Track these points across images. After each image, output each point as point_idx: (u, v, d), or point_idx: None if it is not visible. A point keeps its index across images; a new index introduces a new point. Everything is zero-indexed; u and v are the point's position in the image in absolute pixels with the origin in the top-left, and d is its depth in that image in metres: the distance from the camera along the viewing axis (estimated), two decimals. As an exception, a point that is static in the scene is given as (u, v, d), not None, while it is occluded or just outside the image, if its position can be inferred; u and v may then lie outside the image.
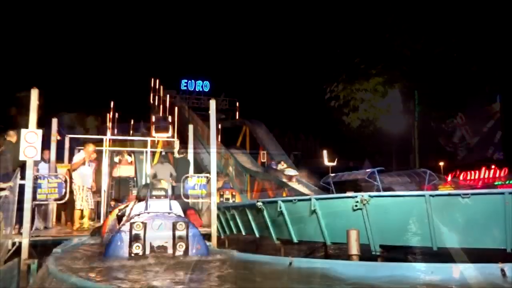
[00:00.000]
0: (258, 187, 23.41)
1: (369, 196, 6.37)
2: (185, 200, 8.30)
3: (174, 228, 4.37)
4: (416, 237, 6.13)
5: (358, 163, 26.01)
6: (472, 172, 30.87)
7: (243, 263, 4.42)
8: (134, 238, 4.22)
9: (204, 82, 34.54)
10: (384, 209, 6.29)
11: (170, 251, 4.31)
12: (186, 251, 4.33)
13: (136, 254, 4.18)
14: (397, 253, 7.39)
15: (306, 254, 8.11)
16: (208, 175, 8.21)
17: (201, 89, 34.19)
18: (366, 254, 6.00)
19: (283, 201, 7.66)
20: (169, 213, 4.51)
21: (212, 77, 35.05)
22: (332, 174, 22.02)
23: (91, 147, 8.37)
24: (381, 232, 6.31)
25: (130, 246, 4.18)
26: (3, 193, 6.18)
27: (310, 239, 7.47)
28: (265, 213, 7.96)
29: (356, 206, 6.40)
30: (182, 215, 4.87)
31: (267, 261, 4.36)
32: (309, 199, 7.10)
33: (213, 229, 7.24)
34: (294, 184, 19.62)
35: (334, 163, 24.43)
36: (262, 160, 26.30)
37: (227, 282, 3.54)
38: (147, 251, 4.25)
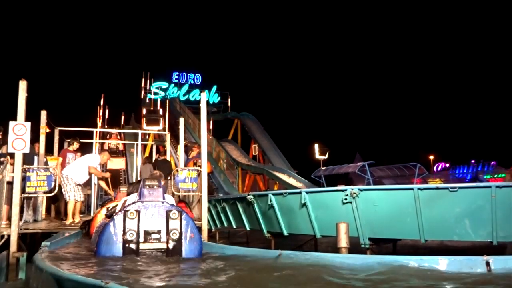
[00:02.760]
0: (250, 180, 23.51)
1: (359, 189, 6.43)
2: (176, 193, 8.30)
3: (167, 216, 4.43)
4: (405, 230, 6.20)
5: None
6: (461, 166, 31.25)
7: (233, 256, 4.45)
8: (128, 226, 4.28)
9: (196, 74, 34.39)
10: (373, 203, 6.35)
11: (163, 239, 4.36)
12: (179, 239, 4.37)
13: (130, 241, 4.24)
14: (385, 245, 7.48)
15: (295, 247, 8.16)
16: (198, 168, 8.21)
17: (192, 82, 34.03)
18: (355, 247, 6.06)
19: (273, 194, 7.69)
20: (162, 202, 4.56)
21: (204, 70, 34.93)
22: (323, 168, 22.14)
23: (106, 156, 8.83)
24: (370, 225, 6.37)
25: (124, 233, 4.25)
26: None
27: (300, 232, 7.52)
28: (255, 206, 7.99)
29: (345, 199, 6.46)
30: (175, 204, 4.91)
31: (256, 254, 4.38)
32: (300, 192, 7.14)
33: (204, 222, 7.24)
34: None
35: (326, 157, 24.54)
36: (254, 153, 26.36)
37: (216, 276, 3.56)
38: (141, 239, 4.31)
